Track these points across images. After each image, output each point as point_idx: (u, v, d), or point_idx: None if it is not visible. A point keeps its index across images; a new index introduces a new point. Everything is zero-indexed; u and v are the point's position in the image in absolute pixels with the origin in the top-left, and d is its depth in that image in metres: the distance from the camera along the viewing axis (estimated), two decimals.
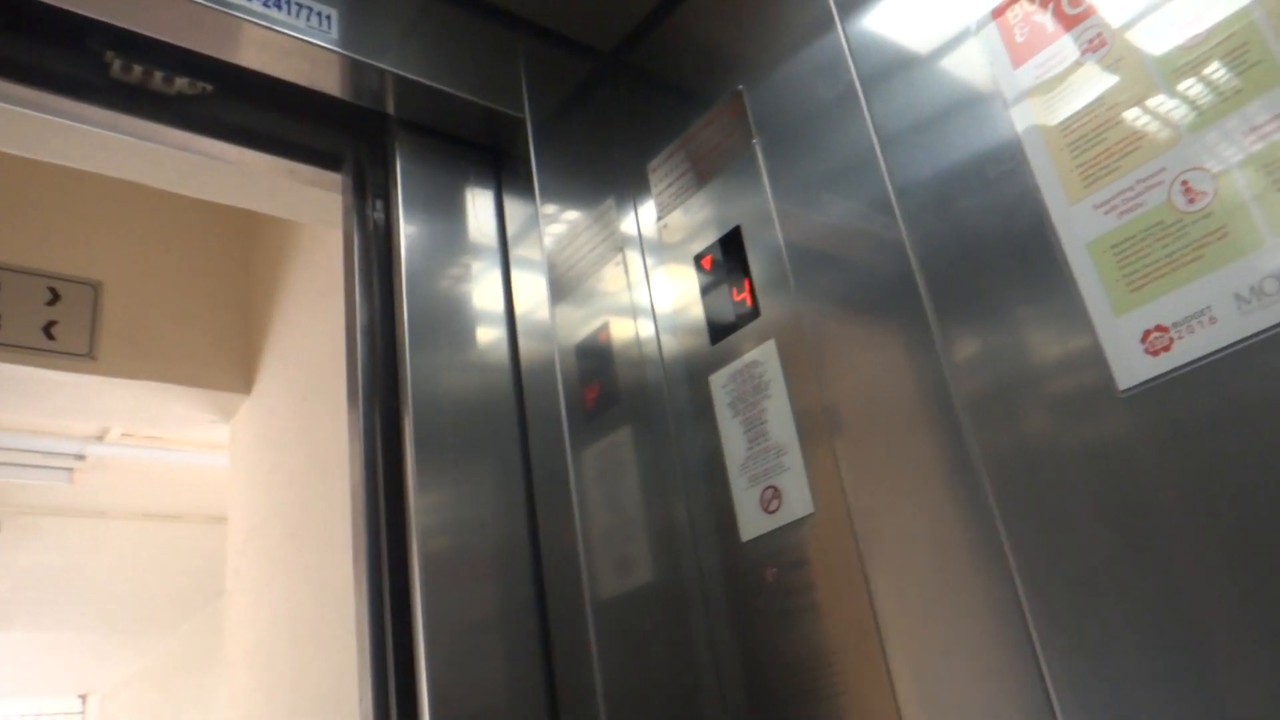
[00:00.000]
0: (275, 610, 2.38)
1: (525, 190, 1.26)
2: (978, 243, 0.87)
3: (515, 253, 1.29)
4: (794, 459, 1.01)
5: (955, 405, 0.85)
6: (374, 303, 1.18)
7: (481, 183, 1.32)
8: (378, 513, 1.08)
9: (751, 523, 1.04)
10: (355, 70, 1.14)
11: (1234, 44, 0.74)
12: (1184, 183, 0.75)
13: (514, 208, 1.32)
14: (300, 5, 1.08)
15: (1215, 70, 0.74)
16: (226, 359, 2.81)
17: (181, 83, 1.13)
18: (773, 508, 1.02)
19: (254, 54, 1.10)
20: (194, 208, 2.86)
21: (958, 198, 0.89)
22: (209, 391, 2.77)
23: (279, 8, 1.07)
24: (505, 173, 1.35)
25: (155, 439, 3.90)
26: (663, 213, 1.25)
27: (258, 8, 1.05)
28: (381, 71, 1.15)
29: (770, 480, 1.03)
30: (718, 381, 1.12)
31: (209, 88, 1.15)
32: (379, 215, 1.22)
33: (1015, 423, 0.81)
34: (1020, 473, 0.80)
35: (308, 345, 2.44)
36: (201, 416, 2.91)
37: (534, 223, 1.23)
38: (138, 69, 1.09)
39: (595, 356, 1.17)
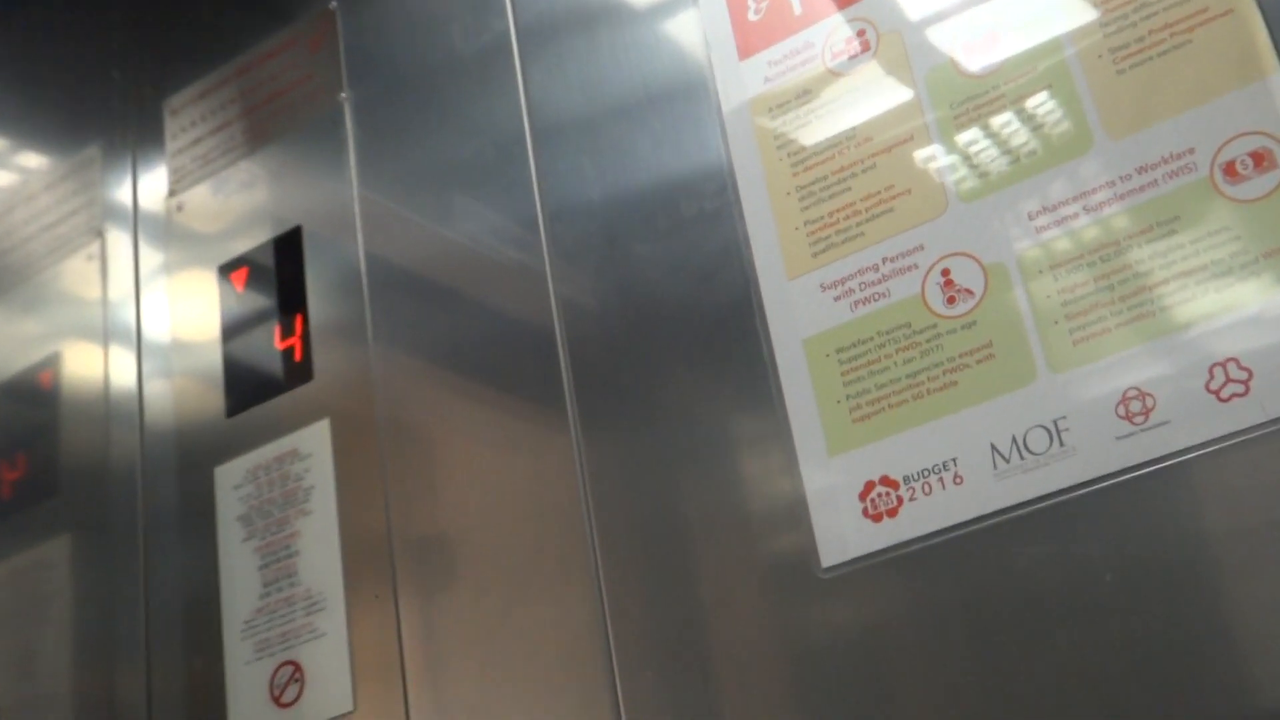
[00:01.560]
0: None
1: None
2: (654, 311, 0.78)
3: None
4: (334, 620, 0.85)
5: (591, 552, 0.75)
6: None
7: None
8: None
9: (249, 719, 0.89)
10: None
11: (1037, 86, 0.66)
12: (945, 271, 0.67)
13: None
14: None
15: (1008, 119, 0.67)
16: None
17: None
18: (288, 698, 0.86)
19: None
20: None
21: (635, 237, 0.80)
22: None
23: None
24: None
25: None
26: (180, 183, 1.08)
27: None
28: None
29: (290, 653, 0.87)
30: (229, 478, 0.95)
31: None
32: None
33: (672, 592, 0.72)
34: (673, 668, 0.70)
35: None
36: None
37: None
38: None
39: (27, 408, 1.01)
